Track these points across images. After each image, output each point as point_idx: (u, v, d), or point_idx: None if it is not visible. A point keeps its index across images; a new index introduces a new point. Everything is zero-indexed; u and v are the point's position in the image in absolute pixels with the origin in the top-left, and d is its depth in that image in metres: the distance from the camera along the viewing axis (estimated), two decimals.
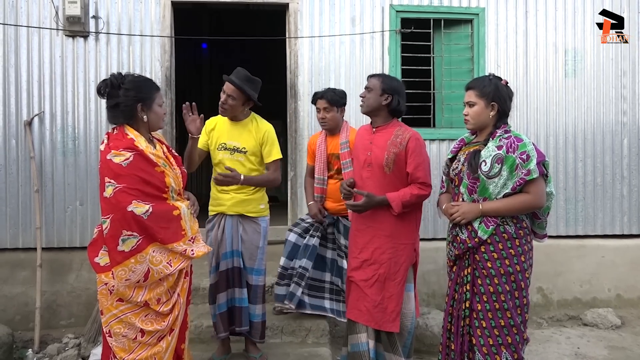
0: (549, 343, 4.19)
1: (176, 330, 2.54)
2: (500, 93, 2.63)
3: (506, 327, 2.51)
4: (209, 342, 3.56)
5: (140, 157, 2.44)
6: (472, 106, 2.66)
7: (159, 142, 2.67)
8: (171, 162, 2.61)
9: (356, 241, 3.07)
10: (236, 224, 3.24)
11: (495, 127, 2.62)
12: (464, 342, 2.61)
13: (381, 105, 3.00)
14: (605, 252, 5.02)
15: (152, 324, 2.46)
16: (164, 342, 2.48)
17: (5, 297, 4.32)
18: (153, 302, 2.45)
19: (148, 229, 2.38)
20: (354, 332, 3.06)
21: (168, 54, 4.61)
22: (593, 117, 5.04)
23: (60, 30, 4.45)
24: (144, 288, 2.43)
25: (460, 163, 2.69)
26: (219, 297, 3.23)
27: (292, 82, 4.76)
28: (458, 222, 2.61)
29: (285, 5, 4.75)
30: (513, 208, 2.51)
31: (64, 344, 3.96)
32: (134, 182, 2.40)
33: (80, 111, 4.52)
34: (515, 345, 2.51)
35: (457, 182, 2.69)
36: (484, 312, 2.54)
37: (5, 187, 4.44)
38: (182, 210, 2.50)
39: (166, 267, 2.43)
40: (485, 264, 2.53)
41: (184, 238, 2.49)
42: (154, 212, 2.39)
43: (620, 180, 5.07)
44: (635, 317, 4.77)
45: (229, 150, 3.22)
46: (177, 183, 2.57)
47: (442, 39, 4.92)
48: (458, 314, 2.64)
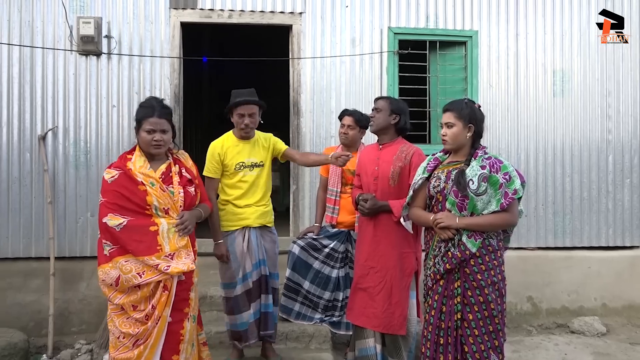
0: (538, 350, 4.42)
1: (151, 341, 2.66)
2: (476, 115, 2.82)
3: (494, 332, 2.71)
4: (217, 347, 3.76)
5: (125, 176, 2.71)
6: (450, 127, 2.82)
7: (176, 161, 2.88)
8: (172, 182, 2.78)
9: (362, 249, 3.32)
10: (260, 235, 3.50)
11: (473, 148, 2.80)
12: (457, 351, 2.74)
13: (390, 124, 3.31)
14: (592, 263, 5.26)
15: (128, 328, 2.67)
16: (137, 350, 2.65)
17: (19, 305, 4.50)
18: (128, 307, 2.68)
19: (119, 240, 2.63)
20: (362, 338, 3.30)
21: (177, 72, 4.83)
22: (580, 135, 5.31)
23: (74, 50, 4.66)
24: (123, 293, 2.68)
25: (442, 181, 2.82)
26: (252, 306, 3.45)
27: (295, 100, 4.99)
28: (439, 227, 2.74)
29: (288, 27, 5.00)
30: (495, 224, 2.70)
31: (77, 349, 4.14)
32: (114, 197, 2.68)
33: (92, 126, 4.71)
34: (500, 347, 2.73)
35: (441, 199, 2.81)
36: (476, 321, 2.71)
37: (19, 198, 4.62)
38: (161, 227, 2.68)
39: (135, 277, 2.63)
40: (476, 276, 2.71)
41: (159, 253, 2.66)
42: (128, 225, 2.64)
43: (605, 194, 5.33)
44: (620, 325, 5.02)
45: (248, 167, 3.47)
46: (164, 202, 2.71)
47: (438, 59, 5.18)
48: (448, 326, 2.76)
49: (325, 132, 4.99)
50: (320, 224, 4.06)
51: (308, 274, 3.90)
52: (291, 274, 3.94)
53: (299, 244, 3.96)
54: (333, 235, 3.92)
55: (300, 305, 3.93)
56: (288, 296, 3.94)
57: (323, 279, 3.91)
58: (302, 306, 3.94)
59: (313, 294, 3.92)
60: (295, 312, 3.93)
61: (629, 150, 5.35)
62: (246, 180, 3.47)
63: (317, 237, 3.93)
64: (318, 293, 3.93)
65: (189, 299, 2.82)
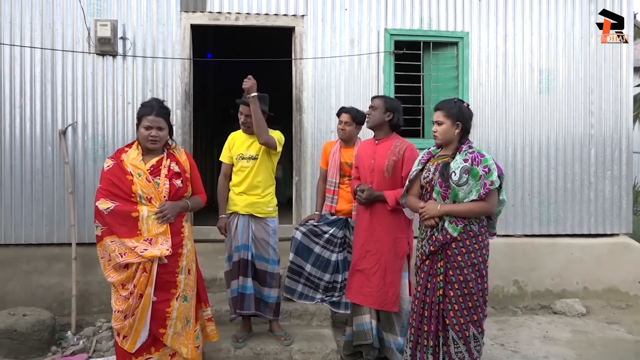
0: (522, 328, 4.79)
1: (137, 314, 3.03)
2: (463, 114, 3.11)
3: (473, 308, 3.02)
4: (228, 324, 4.10)
5: (117, 166, 3.11)
6: (440, 124, 3.13)
7: (170, 156, 3.21)
8: (159, 174, 3.11)
9: (359, 235, 3.68)
10: (247, 222, 3.79)
11: (460, 143, 3.10)
12: (440, 323, 3.07)
13: (384, 121, 3.65)
14: (574, 249, 5.63)
15: (118, 304, 3.10)
16: (127, 322, 3.06)
17: (43, 287, 4.87)
18: (118, 286, 3.09)
19: (108, 222, 3.03)
20: (359, 314, 3.67)
21: (187, 72, 5.18)
22: (564, 130, 5.66)
23: (92, 53, 5.00)
24: (116, 272, 3.07)
25: (431, 173, 3.13)
26: (232, 283, 3.80)
27: (297, 97, 5.34)
28: (424, 217, 3.09)
29: (291, 29, 5.34)
30: (472, 211, 3.00)
31: (98, 327, 4.50)
32: (106, 184, 3.09)
33: (109, 122, 5.07)
34: (479, 321, 3.06)
35: (429, 189, 3.13)
36: (456, 297, 3.02)
37: (42, 189, 4.98)
38: (142, 214, 3.04)
39: (117, 257, 3.03)
40: (456, 258, 3.02)
41: (138, 237, 3.03)
42: (114, 210, 3.03)
43: (587, 185, 5.70)
44: (599, 307, 5.39)
45: (245, 159, 3.81)
46: (147, 191, 3.06)
47: (431, 59, 5.52)
48: (432, 300, 3.08)
49: (326, 127, 5.34)
50: (320, 212, 4.43)
51: (310, 257, 4.28)
52: (294, 257, 4.31)
53: (301, 230, 4.33)
54: (332, 223, 4.29)
55: (303, 286, 4.31)
56: (292, 278, 4.32)
57: (323, 262, 4.28)
58: (305, 287, 4.32)
59: (314, 275, 4.29)
60: (298, 293, 4.31)
61: (610, 144, 5.71)
62: (243, 170, 3.80)
63: (317, 224, 4.31)
64: (319, 275, 4.30)
65: (175, 281, 3.14)
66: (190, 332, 3.25)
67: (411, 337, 3.18)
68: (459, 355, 3.04)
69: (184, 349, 3.20)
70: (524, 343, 4.40)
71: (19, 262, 4.91)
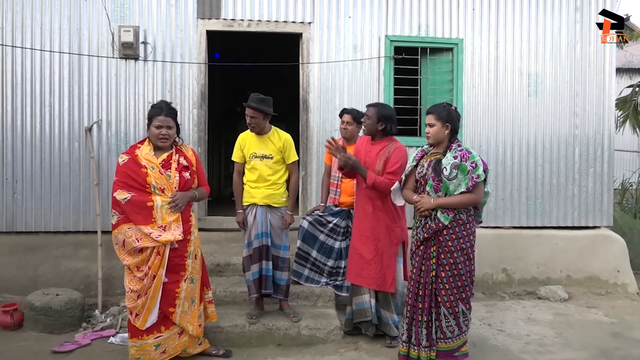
0: (508, 311, 5.23)
1: (150, 294, 3.39)
2: (452, 116, 3.49)
3: (462, 287, 3.45)
4: (242, 304, 4.55)
5: (132, 161, 3.51)
6: (432, 126, 3.51)
7: (178, 151, 3.61)
8: (170, 168, 3.50)
9: (359, 222, 4.11)
10: (265, 212, 4.23)
11: (450, 142, 3.49)
12: (432, 301, 3.49)
13: (377, 130, 4.03)
14: (559, 240, 6.05)
15: (132, 284, 3.48)
16: (140, 301, 3.42)
17: (70, 271, 5.31)
18: (133, 268, 3.48)
19: (125, 211, 3.42)
20: (359, 294, 4.11)
21: (203, 74, 5.61)
22: (550, 130, 6.09)
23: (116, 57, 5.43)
24: (130, 256, 3.44)
25: (425, 168, 3.51)
26: (252, 267, 4.23)
27: (304, 98, 5.77)
28: (419, 209, 3.49)
29: (299, 35, 5.76)
30: (462, 202, 3.41)
31: (122, 307, 4.92)
32: (123, 176, 3.49)
33: (131, 120, 5.50)
34: (467, 299, 3.50)
35: (423, 183, 3.53)
36: (447, 278, 3.43)
37: (69, 181, 5.42)
38: (156, 203, 3.45)
39: (134, 242, 3.43)
40: (447, 243, 3.43)
41: (153, 224, 3.44)
42: (131, 200, 3.43)
43: (572, 182, 6.14)
44: (580, 293, 5.82)
45: (259, 158, 4.23)
46: (160, 183, 3.46)
47: (428, 64, 5.94)
48: (426, 281, 3.49)
49: (330, 127, 5.77)
50: (325, 204, 4.87)
51: (315, 244, 4.73)
52: (301, 244, 4.75)
53: (308, 220, 4.77)
54: (336, 213, 4.74)
55: (309, 270, 4.76)
56: (299, 263, 4.77)
57: (327, 249, 4.72)
58: (311, 271, 4.77)
59: (319, 261, 4.74)
60: (305, 276, 4.76)
61: (593, 143, 6.14)
62: (257, 168, 4.20)
63: (322, 214, 4.75)
64: (323, 260, 4.74)
65: (185, 264, 3.53)
66: (195, 312, 3.65)
67: (407, 314, 3.59)
68: (450, 329, 3.48)
69: (190, 327, 3.61)
70: (509, 323, 4.84)
71: (49, 248, 5.35)
